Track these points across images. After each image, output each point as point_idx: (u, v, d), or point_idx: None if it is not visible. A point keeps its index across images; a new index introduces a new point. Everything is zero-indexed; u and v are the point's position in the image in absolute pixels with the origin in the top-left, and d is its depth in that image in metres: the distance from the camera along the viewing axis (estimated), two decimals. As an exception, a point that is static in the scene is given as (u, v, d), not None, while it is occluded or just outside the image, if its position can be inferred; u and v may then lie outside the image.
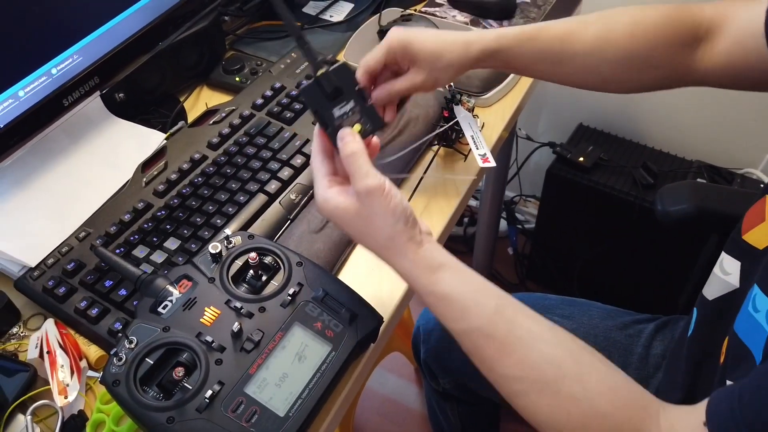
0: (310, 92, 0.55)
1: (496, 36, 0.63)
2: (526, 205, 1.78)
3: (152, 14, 0.82)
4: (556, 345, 0.49)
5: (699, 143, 1.41)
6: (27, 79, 0.69)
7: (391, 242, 0.51)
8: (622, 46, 0.63)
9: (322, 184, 0.53)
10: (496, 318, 0.50)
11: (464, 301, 0.51)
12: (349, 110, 0.55)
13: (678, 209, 0.85)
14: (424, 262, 0.51)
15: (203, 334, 0.53)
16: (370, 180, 0.50)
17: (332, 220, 0.54)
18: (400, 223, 0.51)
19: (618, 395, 0.47)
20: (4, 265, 0.67)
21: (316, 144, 0.56)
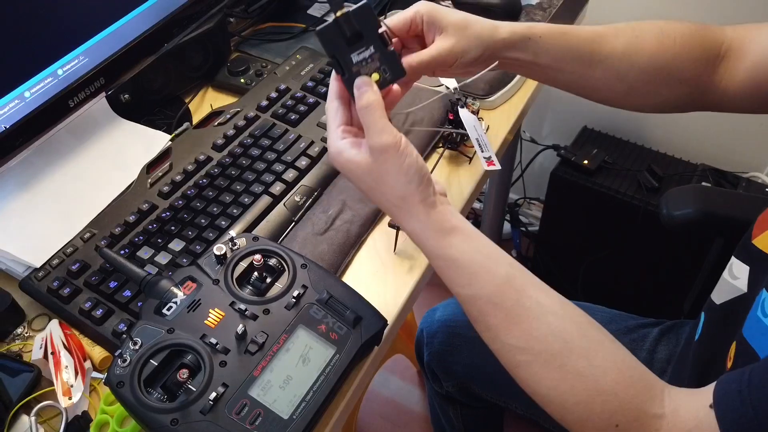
0: (327, 34, 0.50)
1: (526, 24, 0.60)
2: (530, 208, 1.78)
3: (158, 16, 0.83)
4: (564, 318, 0.49)
5: (704, 147, 1.40)
6: (33, 80, 0.69)
7: (403, 202, 0.50)
8: (650, 55, 0.61)
9: (336, 134, 0.52)
10: (504, 287, 0.49)
11: (473, 267, 0.50)
12: (369, 56, 0.51)
13: (683, 213, 0.84)
14: (436, 225, 0.50)
15: (207, 336, 0.53)
16: (385, 136, 0.49)
17: (343, 173, 0.53)
18: (413, 183, 0.49)
19: (623, 374, 0.47)
20: (8, 266, 0.67)
21: (332, 90, 0.53)
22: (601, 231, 1.43)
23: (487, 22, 0.59)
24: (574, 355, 0.47)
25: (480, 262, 0.50)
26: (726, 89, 0.63)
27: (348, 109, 0.53)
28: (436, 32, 0.57)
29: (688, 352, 0.71)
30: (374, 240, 0.72)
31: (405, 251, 0.71)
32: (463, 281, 0.50)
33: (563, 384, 0.47)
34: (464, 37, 0.57)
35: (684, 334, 0.83)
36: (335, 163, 0.52)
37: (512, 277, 0.50)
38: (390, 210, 0.52)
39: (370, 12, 0.51)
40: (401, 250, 0.71)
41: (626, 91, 0.64)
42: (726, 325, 0.62)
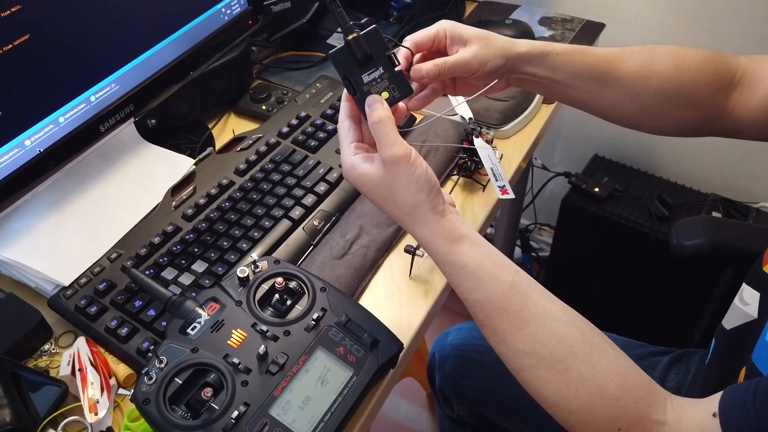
0: (339, 57, 0.54)
1: (544, 42, 0.63)
2: (541, 234, 1.79)
3: (185, 46, 0.86)
4: (568, 324, 0.50)
5: (714, 176, 1.42)
6: (67, 106, 0.73)
7: (414, 211, 0.52)
8: (666, 76, 0.63)
9: (349, 151, 0.54)
10: (511, 293, 0.51)
11: (481, 273, 0.52)
12: (378, 76, 0.54)
13: (693, 244, 0.86)
14: (445, 233, 0.52)
15: (230, 355, 0.55)
16: (396, 148, 0.51)
17: (357, 187, 0.55)
18: (423, 192, 0.52)
19: (626, 380, 0.48)
20: (38, 284, 0.69)
21: (344, 109, 0.56)
22: (611, 258, 1.44)
23: (507, 38, 0.62)
24: (577, 360, 0.48)
25: (488, 268, 0.52)
26: (739, 116, 0.64)
27: (359, 127, 0.56)
28: (460, 45, 0.60)
29: (698, 380, 0.72)
30: (390, 265, 0.74)
31: (420, 276, 0.73)
32: (471, 286, 0.52)
33: (567, 387, 0.48)
34: (486, 47, 0.60)
35: (694, 362, 0.84)
36: (349, 177, 0.55)
37: (518, 284, 0.52)
38: (402, 219, 0.54)
39: (378, 35, 0.55)
40: (416, 275, 0.73)
41: (639, 112, 0.65)
42: (736, 350, 0.63)
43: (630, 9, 1.30)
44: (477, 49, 0.59)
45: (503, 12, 1.15)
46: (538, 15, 1.15)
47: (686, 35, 1.28)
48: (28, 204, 0.74)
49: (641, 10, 1.29)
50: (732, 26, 1.22)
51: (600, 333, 0.51)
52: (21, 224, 0.73)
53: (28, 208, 0.74)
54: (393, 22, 1.14)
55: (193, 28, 0.86)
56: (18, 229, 0.72)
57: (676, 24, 1.27)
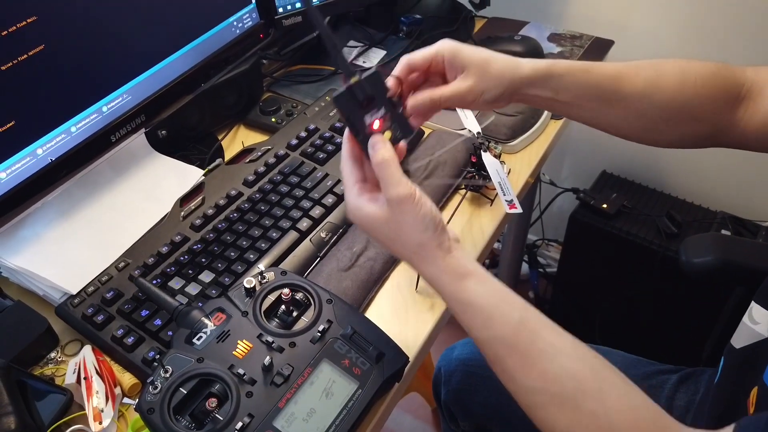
0: (342, 99, 0.55)
1: (548, 62, 0.61)
2: (549, 249, 1.79)
3: (197, 58, 0.87)
4: (578, 360, 0.50)
5: (723, 194, 1.41)
6: (80, 116, 0.74)
7: (421, 249, 0.52)
8: (671, 93, 0.62)
9: (353, 191, 0.55)
10: (519, 329, 0.50)
11: (489, 310, 0.51)
12: (380, 117, 0.55)
13: (702, 261, 0.85)
14: (452, 269, 0.52)
15: (235, 366, 0.55)
16: (401, 188, 0.51)
17: (362, 227, 0.55)
18: (429, 230, 0.52)
19: (637, 414, 0.47)
20: (46, 292, 0.70)
21: (346, 150, 0.56)
22: (619, 275, 1.43)
23: (509, 60, 0.60)
24: (588, 396, 0.48)
25: (495, 305, 0.52)
26: (745, 129, 0.64)
27: (361, 167, 0.56)
28: (458, 71, 0.60)
29: (707, 399, 0.71)
30: (396, 278, 0.74)
31: (426, 290, 0.72)
32: (479, 324, 0.52)
33: (578, 425, 0.48)
34: (485, 76, 0.59)
35: (704, 381, 0.83)
36: (354, 218, 0.55)
37: (526, 320, 0.51)
38: (409, 258, 0.54)
39: (379, 78, 0.55)
40: (423, 289, 0.73)
41: (645, 128, 0.65)
42: (746, 369, 0.63)
43: (638, 26, 1.30)
44: (474, 81, 0.59)
45: (512, 28, 1.16)
46: (547, 31, 1.16)
47: (695, 51, 1.28)
48: (39, 212, 0.75)
49: (650, 26, 1.29)
50: (740, 41, 1.22)
51: (610, 366, 0.50)
52: (31, 232, 0.73)
53: (38, 217, 0.75)
54: (402, 37, 1.15)
55: (205, 40, 0.87)
56: (28, 237, 0.73)
57: (685, 40, 1.28)
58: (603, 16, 1.32)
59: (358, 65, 0.57)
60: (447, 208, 0.82)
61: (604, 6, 1.32)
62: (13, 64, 0.65)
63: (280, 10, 0.98)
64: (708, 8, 1.22)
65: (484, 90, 0.59)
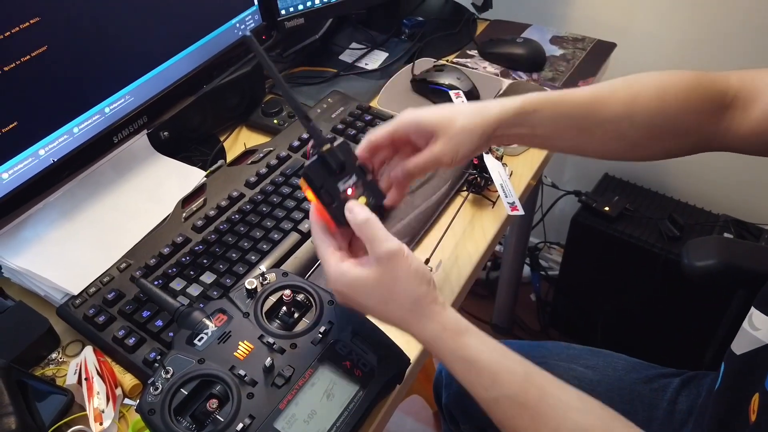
0: (314, 169, 0.55)
1: (519, 98, 0.60)
2: (550, 252, 1.79)
3: (199, 60, 0.87)
4: (588, 413, 0.49)
5: (726, 197, 1.41)
6: (82, 117, 0.74)
7: (417, 305, 0.51)
8: (651, 111, 0.61)
9: (334, 259, 0.53)
10: (526, 385, 0.49)
11: (494, 366, 0.50)
12: (353, 184, 0.56)
13: (704, 264, 0.85)
14: (451, 325, 0.51)
15: (236, 367, 0.55)
16: (390, 243, 0.50)
17: (349, 295, 0.53)
18: (423, 284, 0.51)
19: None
20: (48, 292, 0.70)
21: (316, 224, 0.55)
22: (621, 278, 1.43)
23: (475, 110, 0.59)
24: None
25: (499, 361, 0.50)
26: (735, 136, 0.62)
27: (333, 238, 0.55)
28: (426, 137, 0.59)
29: (708, 404, 0.71)
30: (398, 280, 0.74)
31: (428, 292, 0.72)
32: (486, 383, 0.50)
33: None
34: (454, 135, 0.57)
35: (706, 385, 0.83)
36: (338, 285, 0.53)
37: (531, 375, 0.50)
38: (404, 318, 0.52)
39: (348, 147, 0.57)
40: (424, 291, 0.72)
41: (626, 148, 0.64)
42: (747, 375, 0.62)
43: (641, 28, 1.30)
44: (444, 142, 0.57)
45: (515, 31, 1.16)
46: (549, 34, 1.16)
47: (696, 53, 1.28)
48: (40, 213, 0.75)
49: (652, 29, 1.29)
50: (742, 43, 1.22)
51: (619, 417, 0.49)
52: (32, 233, 0.73)
53: (40, 217, 0.75)
54: (405, 39, 1.15)
55: (208, 42, 0.88)
56: (29, 238, 0.73)
57: (687, 43, 1.28)
58: (605, 18, 1.33)
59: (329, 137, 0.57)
60: (448, 211, 0.82)
61: (607, 9, 1.32)
62: (16, 65, 0.65)
63: (282, 12, 0.98)
64: (710, 11, 1.22)
65: (457, 148, 0.58)
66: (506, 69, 1.07)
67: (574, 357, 0.88)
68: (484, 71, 1.07)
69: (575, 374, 0.84)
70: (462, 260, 0.76)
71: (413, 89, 1.01)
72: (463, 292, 0.75)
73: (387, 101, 0.99)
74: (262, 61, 0.55)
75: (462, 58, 1.11)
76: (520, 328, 1.71)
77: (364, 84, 1.05)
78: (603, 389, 0.82)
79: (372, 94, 1.02)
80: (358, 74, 1.08)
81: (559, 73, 1.06)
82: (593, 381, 0.83)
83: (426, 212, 0.79)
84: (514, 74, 1.06)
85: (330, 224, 0.56)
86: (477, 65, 1.09)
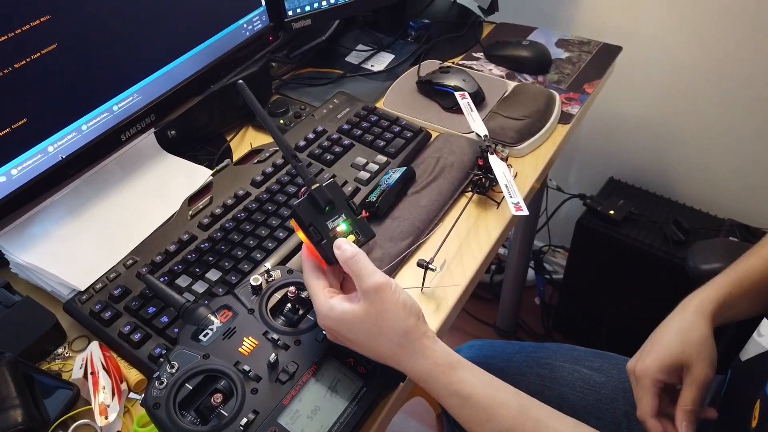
0: (304, 207, 0.56)
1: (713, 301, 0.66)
2: (555, 256, 1.78)
3: (207, 59, 0.88)
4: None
5: (731, 201, 1.40)
6: (91, 114, 0.75)
7: (406, 339, 0.51)
8: None
9: (323, 295, 0.53)
10: (522, 418, 0.49)
11: (488, 401, 0.50)
12: (342, 222, 0.57)
13: (710, 268, 0.85)
14: (443, 359, 0.51)
15: (241, 363, 0.55)
16: (377, 276, 0.51)
17: (337, 330, 0.53)
18: (412, 317, 0.51)
19: None
20: (55, 288, 0.70)
21: (307, 262, 0.56)
22: (625, 281, 1.43)
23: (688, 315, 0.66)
24: None
25: (493, 395, 0.50)
26: None
27: (324, 276, 0.56)
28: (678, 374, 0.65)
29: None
30: (402, 279, 0.74)
31: (432, 291, 0.73)
32: (481, 418, 0.50)
33: None
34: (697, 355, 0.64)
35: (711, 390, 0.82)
36: (328, 320, 0.53)
37: (525, 407, 0.50)
38: (393, 352, 0.52)
39: (337, 186, 0.58)
40: (428, 290, 0.73)
41: None
42: (750, 382, 0.62)
43: (647, 31, 1.30)
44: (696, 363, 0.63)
45: (520, 34, 1.17)
46: (555, 37, 1.16)
47: (702, 57, 1.28)
48: (48, 209, 0.76)
49: (658, 32, 1.30)
50: (747, 47, 1.22)
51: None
52: (40, 229, 0.74)
53: (48, 214, 0.75)
54: (411, 41, 1.16)
55: (215, 42, 0.88)
56: (37, 234, 0.73)
57: (693, 46, 1.28)
58: (611, 22, 1.33)
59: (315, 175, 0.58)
60: (453, 211, 0.82)
61: (613, 12, 1.33)
62: (26, 62, 0.66)
63: (289, 13, 0.99)
64: (716, 14, 1.22)
65: (706, 359, 0.63)
66: (512, 71, 1.08)
67: (579, 359, 0.88)
68: (489, 73, 1.08)
69: (580, 376, 0.84)
70: (466, 261, 0.76)
71: (419, 91, 1.01)
72: (466, 294, 0.75)
73: (393, 102, 1.00)
74: (251, 105, 0.59)
75: (467, 61, 1.11)
76: (524, 331, 1.71)
77: (370, 85, 1.06)
78: (608, 391, 0.82)
79: (378, 95, 1.03)
80: (364, 76, 1.08)
81: (564, 75, 1.06)
82: (598, 383, 0.83)
83: (430, 212, 0.79)
84: (520, 76, 1.06)
85: (321, 263, 0.56)
86: (482, 67, 1.09)
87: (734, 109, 1.30)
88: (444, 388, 0.51)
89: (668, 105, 1.38)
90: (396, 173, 0.81)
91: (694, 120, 1.37)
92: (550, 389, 0.84)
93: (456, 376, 0.50)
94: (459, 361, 0.51)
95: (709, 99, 1.32)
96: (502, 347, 0.93)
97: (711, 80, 1.29)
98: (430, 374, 0.51)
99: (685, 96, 1.34)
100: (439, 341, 0.52)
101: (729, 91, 1.29)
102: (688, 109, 1.36)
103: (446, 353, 0.51)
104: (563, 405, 0.82)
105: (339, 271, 0.57)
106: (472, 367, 0.52)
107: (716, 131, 1.36)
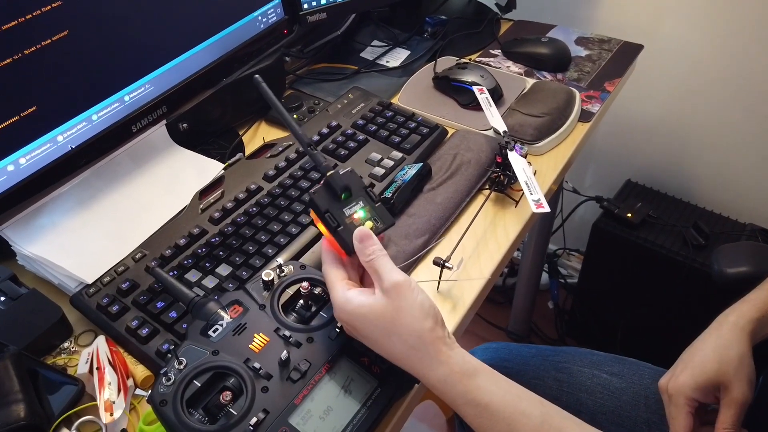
0: (320, 194, 0.55)
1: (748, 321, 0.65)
2: (570, 259, 1.75)
3: (220, 51, 0.86)
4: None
5: (753, 205, 1.37)
6: (102, 104, 0.73)
7: (420, 341, 0.48)
8: None
9: (341, 287, 0.52)
10: (544, 428, 0.47)
11: (508, 411, 0.47)
12: (359, 209, 0.56)
13: (736, 271, 0.82)
14: (460, 366, 0.48)
15: (251, 360, 0.53)
16: (396, 274, 0.50)
17: (352, 323, 0.51)
18: (429, 319, 0.49)
19: None
20: (61, 281, 0.69)
21: (327, 254, 0.55)
22: (642, 286, 1.39)
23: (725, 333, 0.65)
24: None
25: (513, 404, 0.48)
26: None
27: (344, 268, 0.54)
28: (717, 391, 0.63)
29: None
30: (417, 277, 0.72)
31: (448, 290, 0.70)
32: (501, 428, 0.47)
33: None
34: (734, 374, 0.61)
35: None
36: (344, 313, 0.51)
37: (548, 416, 0.48)
38: (407, 355, 0.49)
39: (356, 174, 0.57)
40: (444, 289, 0.70)
41: None
42: None
43: (668, 31, 1.28)
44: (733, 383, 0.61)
45: (539, 31, 1.14)
46: (575, 35, 1.13)
47: (724, 56, 1.25)
48: (57, 201, 0.74)
49: (680, 31, 1.27)
50: (774, 51, 1.19)
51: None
52: (48, 220, 0.72)
53: (56, 205, 0.74)
54: (427, 38, 1.14)
55: (229, 34, 0.87)
56: (45, 225, 0.72)
57: (714, 46, 1.25)
58: (632, 20, 1.30)
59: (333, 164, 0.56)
60: (470, 209, 0.80)
61: (634, 11, 1.30)
62: (36, 48, 0.64)
63: (305, 6, 0.97)
64: (738, 14, 1.19)
65: (744, 380, 0.61)
66: (530, 68, 1.05)
67: (597, 363, 0.85)
68: (507, 70, 1.05)
69: (599, 381, 0.81)
70: (483, 260, 0.74)
71: (435, 87, 0.99)
72: (483, 293, 0.72)
73: (408, 99, 0.98)
74: (267, 98, 0.59)
75: (485, 57, 1.09)
76: (537, 336, 1.68)
77: (385, 81, 1.04)
78: (628, 397, 0.79)
79: (393, 91, 1.01)
80: (379, 71, 1.06)
81: (584, 73, 1.04)
82: (618, 389, 0.80)
83: (447, 209, 0.77)
84: (538, 74, 1.04)
85: (341, 254, 0.55)
86: (500, 64, 1.07)
87: (756, 110, 1.27)
88: (461, 397, 0.48)
89: (687, 106, 1.35)
90: (412, 169, 0.79)
91: (715, 121, 1.34)
92: (569, 394, 0.81)
93: (473, 383, 0.48)
94: (477, 368, 0.49)
95: (729, 100, 1.29)
96: (518, 350, 0.90)
97: (732, 81, 1.26)
98: (446, 382, 0.48)
99: (706, 97, 1.31)
100: (457, 347, 0.50)
101: (750, 92, 1.26)
102: (708, 110, 1.33)
103: (464, 360, 0.48)
104: (581, 411, 0.79)
105: (359, 265, 0.55)
106: (492, 373, 0.49)
107: (737, 133, 1.32)
